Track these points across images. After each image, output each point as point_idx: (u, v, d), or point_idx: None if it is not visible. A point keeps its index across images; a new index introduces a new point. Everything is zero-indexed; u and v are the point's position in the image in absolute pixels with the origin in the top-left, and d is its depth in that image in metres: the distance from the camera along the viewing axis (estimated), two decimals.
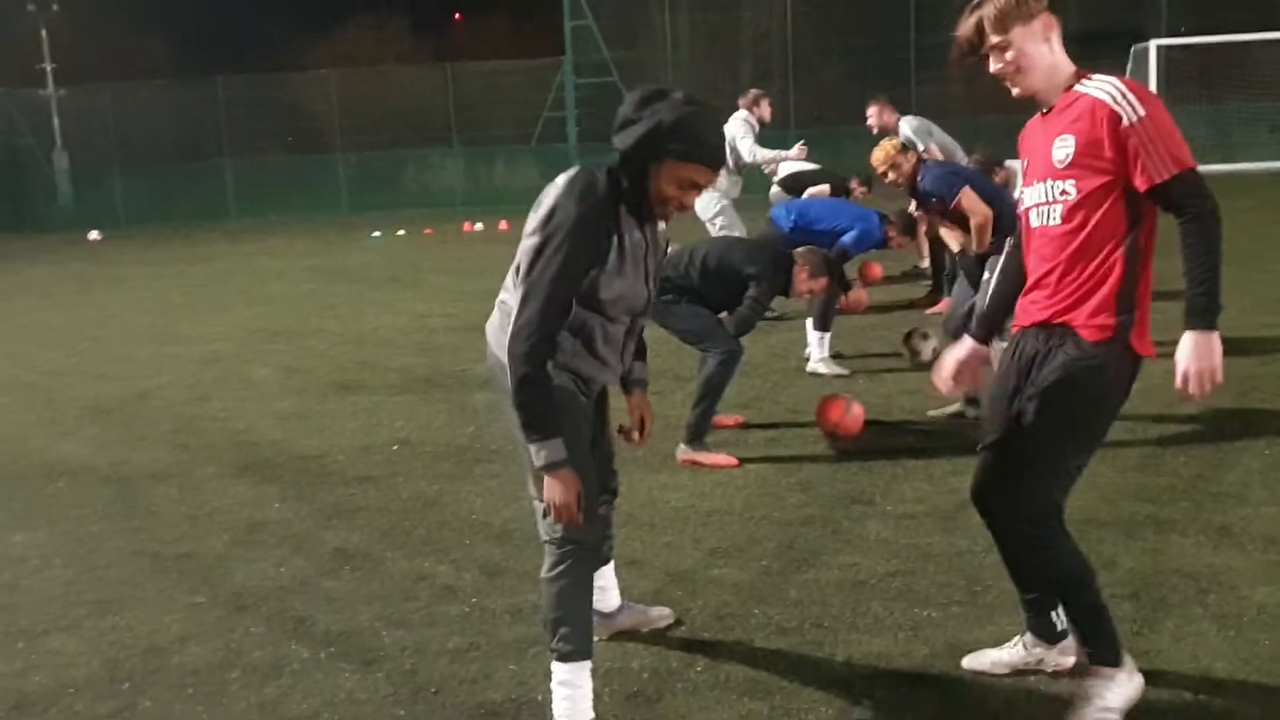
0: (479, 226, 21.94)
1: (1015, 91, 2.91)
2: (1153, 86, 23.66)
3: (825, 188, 10.01)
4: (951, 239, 6.54)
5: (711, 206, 9.38)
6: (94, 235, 24.79)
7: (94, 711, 3.38)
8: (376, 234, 21.48)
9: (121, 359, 9.48)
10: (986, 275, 5.87)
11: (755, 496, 5.03)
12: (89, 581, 4.44)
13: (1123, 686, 2.97)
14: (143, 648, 3.79)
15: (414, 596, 4.10)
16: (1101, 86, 2.80)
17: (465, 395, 7.34)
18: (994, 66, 2.90)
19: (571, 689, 3.00)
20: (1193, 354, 2.73)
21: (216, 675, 3.56)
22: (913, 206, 7.75)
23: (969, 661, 3.33)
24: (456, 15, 51.45)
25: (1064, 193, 2.84)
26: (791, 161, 11.30)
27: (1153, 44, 24.30)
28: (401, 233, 21.59)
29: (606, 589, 3.61)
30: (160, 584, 4.37)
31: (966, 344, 3.27)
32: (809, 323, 7.56)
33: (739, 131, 9.60)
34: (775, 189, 10.92)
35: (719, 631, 3.66)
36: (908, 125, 9.74)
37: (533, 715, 3.18)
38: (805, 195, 10.11)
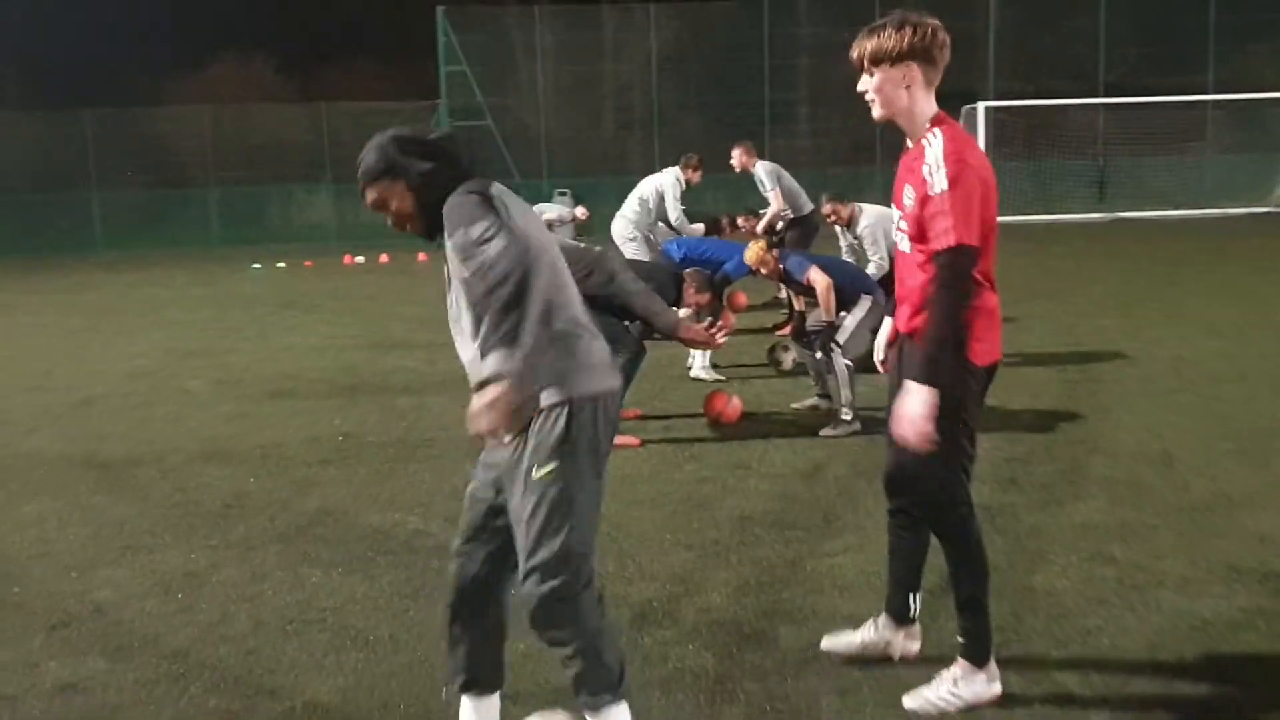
0: (360, 259, 22.74)
1: (874, 114, 3.34)
2: (981, 144, 26.00)
3: (700, 226, 11.32)
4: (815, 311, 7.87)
5: (628, 236, 10.77)
6: None
7: (163, 609, 4.35)
8: (257, 265, 22.09)
9: (47, 374, 10.13)
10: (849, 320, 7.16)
11: (658, 466, 6.22)
12: (111, 534, 5.34)
13: (979, 686, 3.33)
14: (181, 573, 4.75)
15: (395, 535, 5.15)
16: (931, 149, 3.17)
17: (389, 399, 8.35)
18: (860, 87, 3.34)
19: None
20: (904, 402, 3.15)
21: (252, 587, 4.56)
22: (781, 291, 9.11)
23: (827, 643, 3.68)
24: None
25: (909, 228, 3.30)
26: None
27: (980, 105, 26.68)
28: (282, 265, 22.24)
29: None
30: (175, 534, 5.31)
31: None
32: None
33: (670, 190, 10.82)
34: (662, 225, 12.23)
35: (644, 550, 4.82)
36: (763, 168, 11.34)
37: None
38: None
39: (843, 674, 3.57)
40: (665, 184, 10.80)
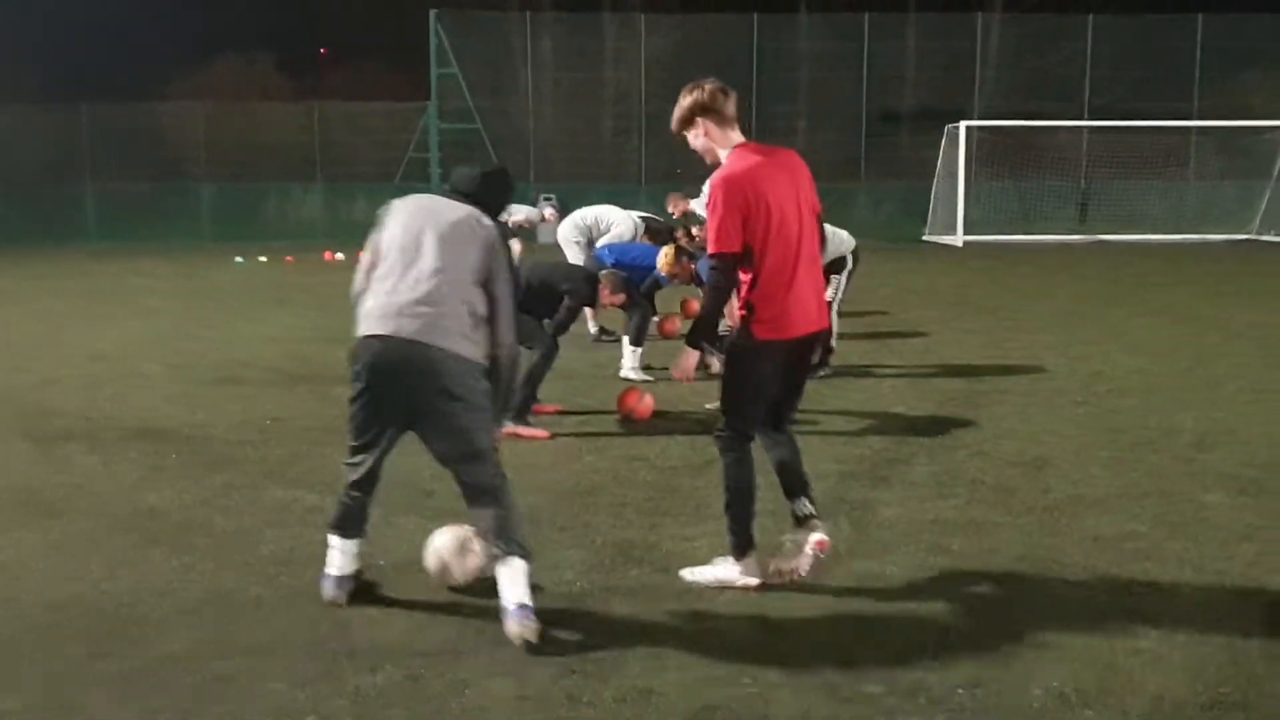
0: (340, 256, 23.06)
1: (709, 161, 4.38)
2: (962, 162, 26.35)
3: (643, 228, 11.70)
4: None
5: (572, 239, 11.26)
6: None
7: (50, 570, 4.67)
8: (239, 259, 22.45)
9: (17, 355, 10.48)
10: None
11: (559, 457, 6.55)
12: (18, 499, 5.67)
13: (732, 571, 4.35)
14: (82, 539, 5.08)
15: (291, 509, 5.47)
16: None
17: (329, 387, 8.66)
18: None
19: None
20: (679, 359, 4.39)
21: (140, 551, 4.88)
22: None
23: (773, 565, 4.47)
24: (321, 50, 52.27)
25: None
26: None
27: (963, 125, 26.99)
28: (264, 259, 22.61)
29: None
30: (87, 502, 5.63)
31: None
32: (625, 338, 9.15)
33: (622, 234, 11.26)
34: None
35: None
36: (698, 203, 11.70)
37: (377, 566, 4.60)
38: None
39: (644, 636, 3.89)
40: (622, 229, 11.22)
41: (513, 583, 3.91)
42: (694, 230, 12.58)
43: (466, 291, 4.01)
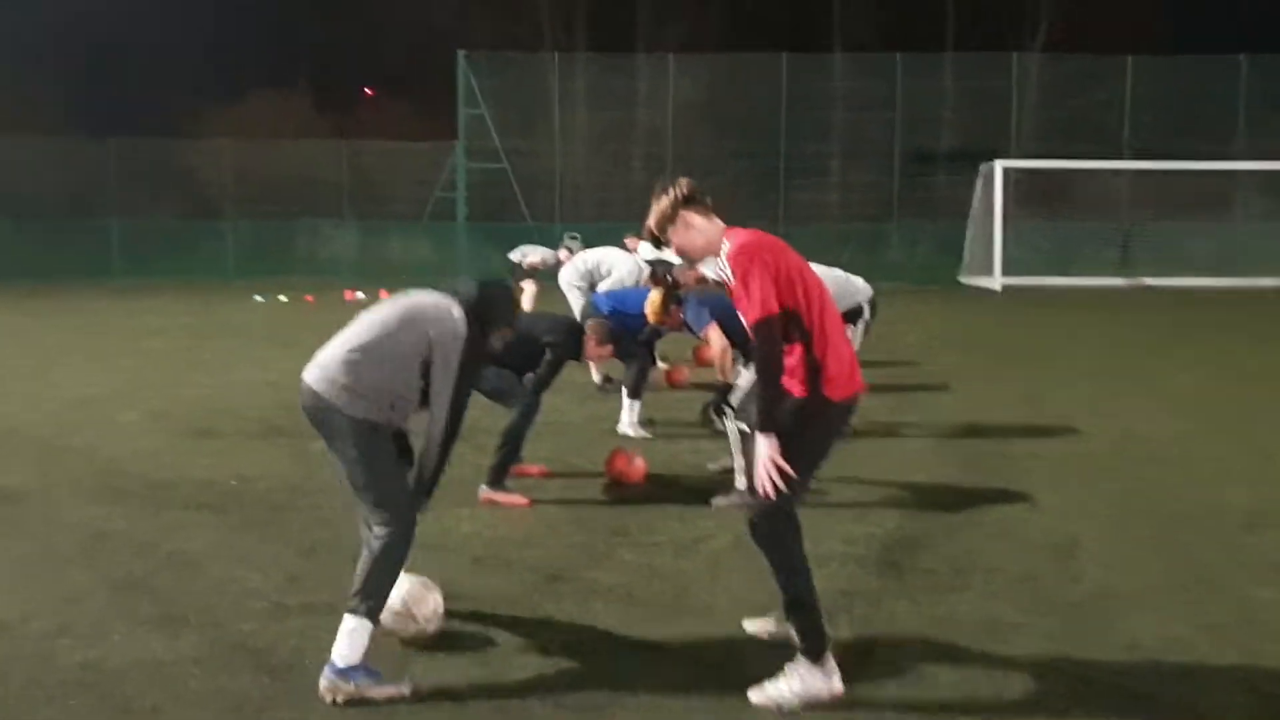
0: (360, 295, 22.70)
1: (693, 270, 4.21)
2: (997, 203, 25.68)
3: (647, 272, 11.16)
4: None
5: (574, 283, 10.77)
6: None
7: None
8: (259, 298, 22.13)
9: None
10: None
11: (535, 528, 5.96)
12: None
13: (817, 681, 3.78)
14: None
15: (224, 593, 4.92)
16: (722, 256, 3.98)
17: (307, 442, 8.12)
18: (671, 257, 4.22)
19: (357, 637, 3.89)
20: (758, 454, 3.81)
21: (52, 641, 4.34)
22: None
23: (748, 625, 4.39)
24: (368, 90, 52.41)
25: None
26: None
27: (998, 164, 26.35)
28: (283, 298, 22.26)
29: None
30: (10, 581, 5.11)
31: None
32: (624, 394, 8.57)
33: (624, 277, 10.88)
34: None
35: (476, 619, 4.56)
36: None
37: (300, 666, 4.03)
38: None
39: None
40: (622, 272, 10.72)
41: (344, 637, 3.87)
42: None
43: (389, 361, 4.12)
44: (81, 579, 5.10)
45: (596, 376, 10.61)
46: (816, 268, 8.95)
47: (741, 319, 7.25)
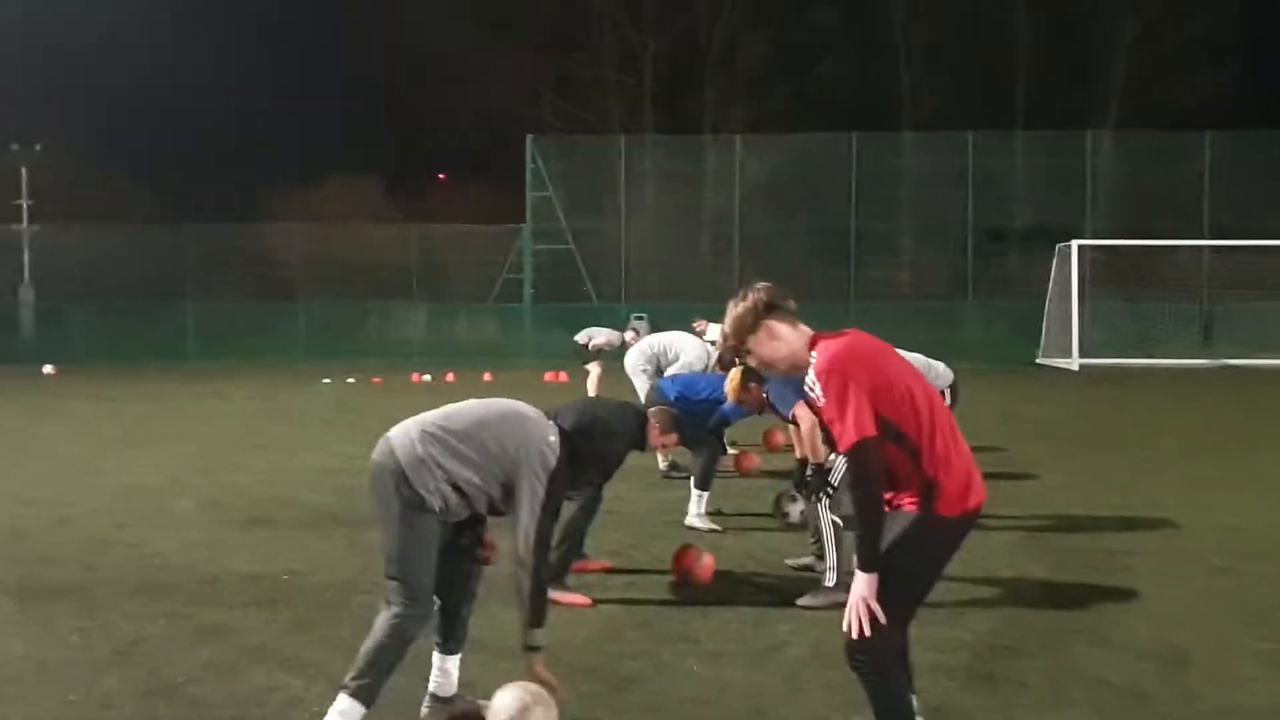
0: (427, 378, 22.64)
1: (775, 378, 3.80)
2: (1075, 282, 25.06)
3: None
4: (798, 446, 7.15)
5: (640, 368, 10.50)
6: (48, 369, 25.23)
7: None
8: (326, 380, 22.13)
9: (46, 486, 9.94)
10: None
11: (598, 632, 5.57)
12: None
13: None
14: None
15: (264, 703, 4.59)
16: (810, 371, 3.54)
17: (364, 531, 7.84)
18: (754, 366, 3.88)
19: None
20: (855, 593, 3.41)
21: None
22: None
23: None
24: (441, 176, 53.26)
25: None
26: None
27: (1074, 244, 25.76)
28: (351, 380, 22.23)
29: (449, 674, 4.42)
30: (41, 686, 4.83)
31: None
32: (691, 484, 8.18)
33: (692, 363, 10.60)
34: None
35: None
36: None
37: None
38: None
39: None
40: (691, 357, 10.44)
41: (334, 718, 3.96)
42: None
43: (471, 453, 4.11)
44: (114, 685, 4.80)
45: (663, 463, 10.25)
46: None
47: None
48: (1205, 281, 28.83)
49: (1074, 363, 24.78)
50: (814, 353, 3.56)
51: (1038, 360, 26.78)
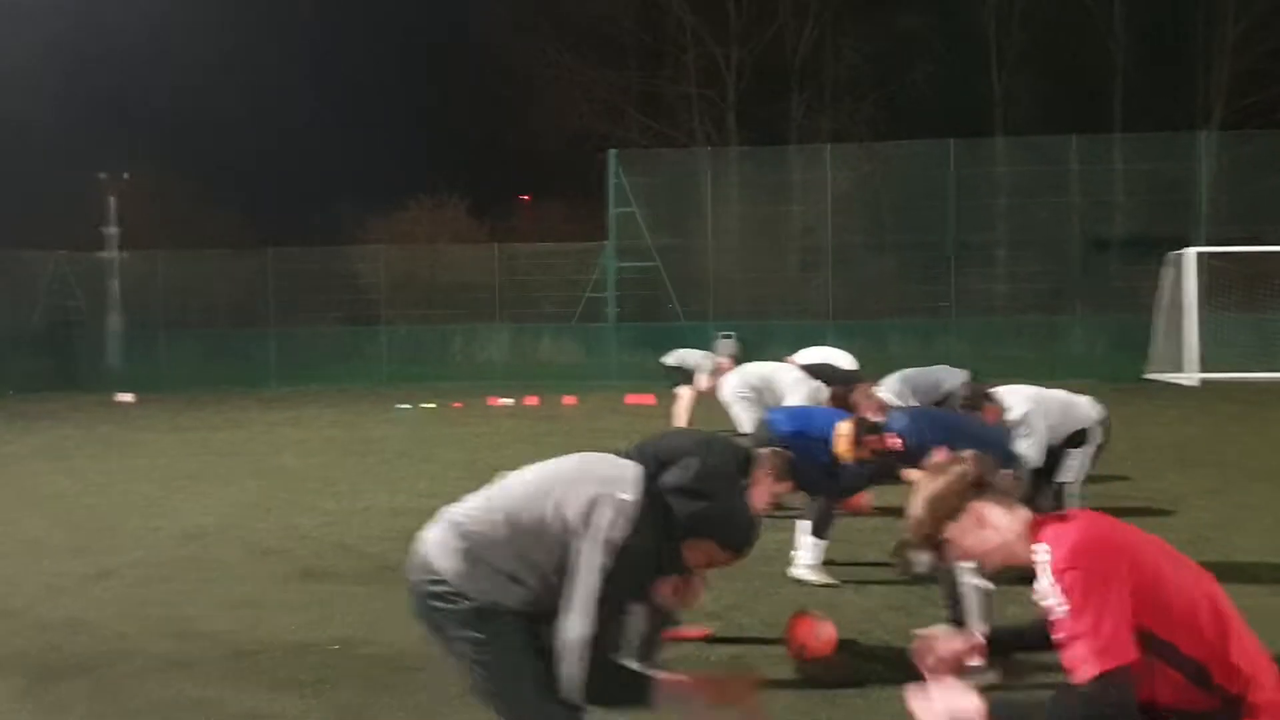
0: (508, 401, 21.87)
1: (984, 574, 3.14)
2: (1191, 294, 23.48)
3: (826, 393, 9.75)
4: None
5: (741, 394, 9.59)
6: (125, 398, 24.89)
7: None
8: (404, 406, 21.47)
9: (105, 531, 9.26)
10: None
11: None
12: None
13: None
14: None
15: None
16: (1043, 570, 2.78)
17: None
18: (950, 562, 3.20)
19: None
20: None
21: None
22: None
23: None
24: (525, 196, 52.94)
25: None
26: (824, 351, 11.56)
27: (1191, 251, 24.18)
28: (430, 405, 21.55)
29: None
30: None
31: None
32: (800, 524, 7.16)
33: (792, 397, 9.66)
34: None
35: None
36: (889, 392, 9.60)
37: None
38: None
39: None
40: (797, 398, 9.43)
41: None
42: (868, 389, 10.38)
43: (525, 532, 3.15)
44: None
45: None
46: (1024, 389, 7.46)
47: (980, 439, 5.90)
48: None
49: (1194, 377, 23.16)
50: (1042, 545, 2.80)
51: (1146, 375, 25.18)
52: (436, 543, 3.24)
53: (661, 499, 3.18)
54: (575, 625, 2.98)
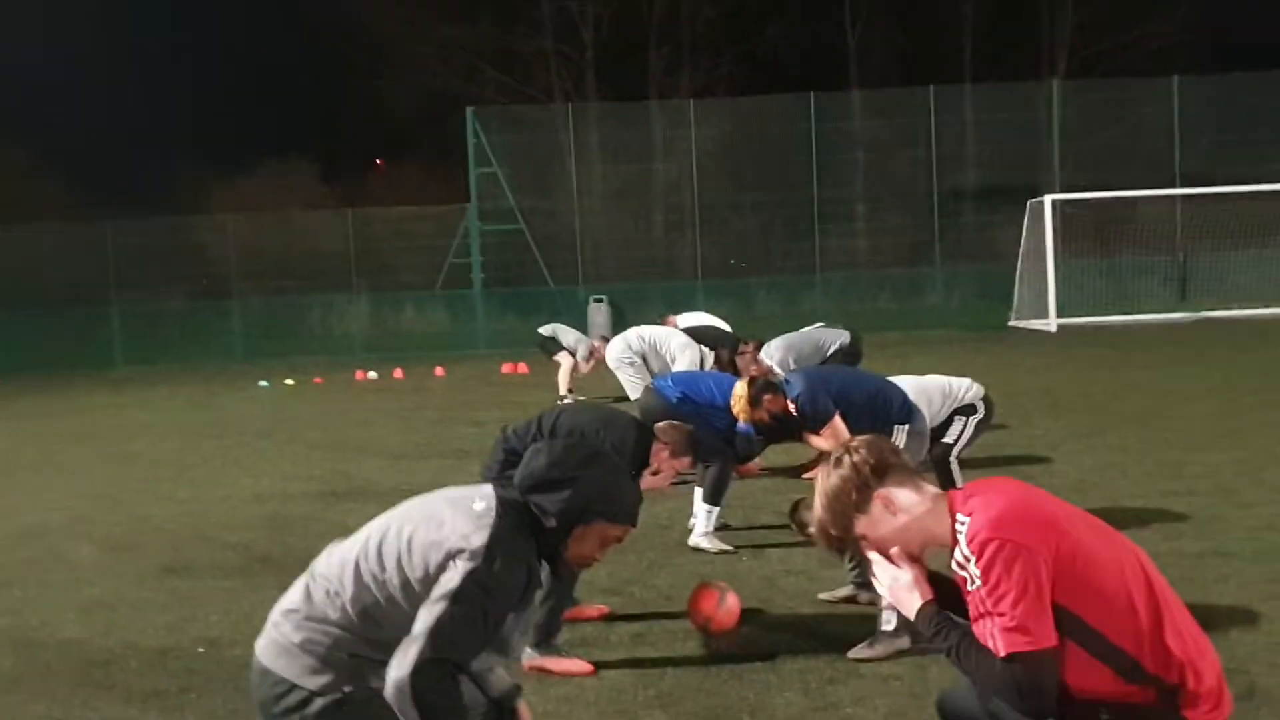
0: (372, 375, 21.14)
1: (903, 564, 2.75)
2: (1049, 241, 24.07)
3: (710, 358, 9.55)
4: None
5: (625, 359, 9.31)
6: None
7: None
8: (264, 383, 20.55)
9: None
10: None
11: (606, 709, 4.29)
12: None
13: None
14: None
15: None
16: (959, 541, 2.59)
17: (292, 579, 6.49)
18: (866, 555, 2.83)
19: None
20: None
21: None
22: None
23: None
24: (378, 160, 51.49)
25: None
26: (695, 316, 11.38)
27: (1047, 199, 24.77)
28: (290, 382, 20.67)
29: None
30: None
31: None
32: (698, 493, 6.88)
33: (683, 362, 9.37)
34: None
35: None
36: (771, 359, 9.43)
37: None
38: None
39: None
40: (685, 361, 9.17)
41: None
42: (743, 347, 10.20)
43: (367, 615, 2.85)
44: None
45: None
46: (903, 380, 7.27)
47: (877, 397, 5.70)
48: (1178, 232, 27.95)
49: (1051, 324, 23.80)
50: (960, 515, 2.61)
51: (1010, 323, 25.81)
52: (270, 644, 2.91)
53: (522, 507, 2.94)
54: (398, 669, 2.71)
